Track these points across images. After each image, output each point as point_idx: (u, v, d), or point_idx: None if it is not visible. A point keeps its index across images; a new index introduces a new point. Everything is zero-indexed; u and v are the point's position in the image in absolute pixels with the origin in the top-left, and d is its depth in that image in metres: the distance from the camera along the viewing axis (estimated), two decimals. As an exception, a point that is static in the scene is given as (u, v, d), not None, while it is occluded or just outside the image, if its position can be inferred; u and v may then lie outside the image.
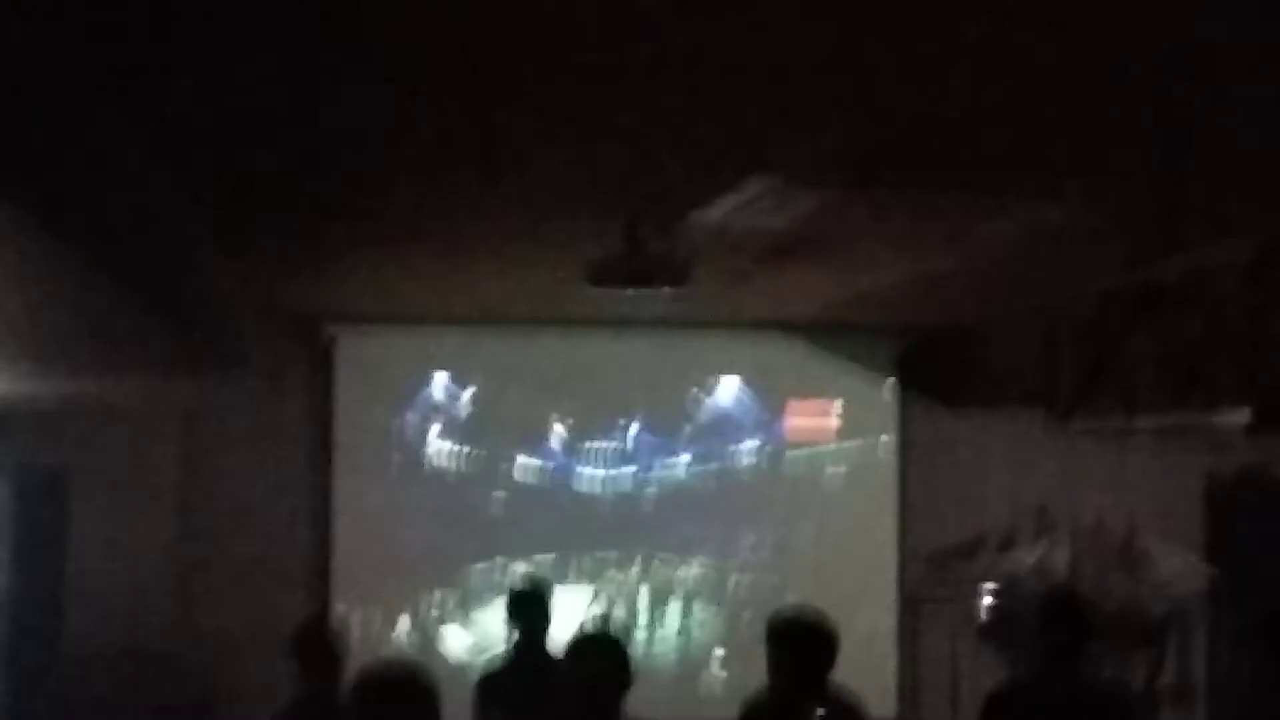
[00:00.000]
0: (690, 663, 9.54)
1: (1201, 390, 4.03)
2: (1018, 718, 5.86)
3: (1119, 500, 9.12)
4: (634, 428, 9.53)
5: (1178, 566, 8.70)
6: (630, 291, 6.03)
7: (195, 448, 9.06)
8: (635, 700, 5.05)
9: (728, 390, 9.62)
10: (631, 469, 9.52)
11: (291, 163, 4.85)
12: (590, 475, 9.49)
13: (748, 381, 9.62)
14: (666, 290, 5.88)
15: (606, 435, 9.50)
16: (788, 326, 9.28)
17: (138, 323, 5.03)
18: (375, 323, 9.12)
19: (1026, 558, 8.76)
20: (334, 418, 9.26)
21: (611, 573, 9.48)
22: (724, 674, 9.43)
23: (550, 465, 9.44)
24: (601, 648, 5.22)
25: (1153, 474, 9.28)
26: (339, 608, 9.17)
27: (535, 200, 5.62)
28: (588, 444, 9.49)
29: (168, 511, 8.97)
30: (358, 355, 9.28)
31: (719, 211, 5.54)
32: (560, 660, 5.56)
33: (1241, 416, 3.86)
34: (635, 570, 9.52)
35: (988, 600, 8.84)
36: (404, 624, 9.31)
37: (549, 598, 6.89)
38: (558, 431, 9.44)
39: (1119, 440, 6.56)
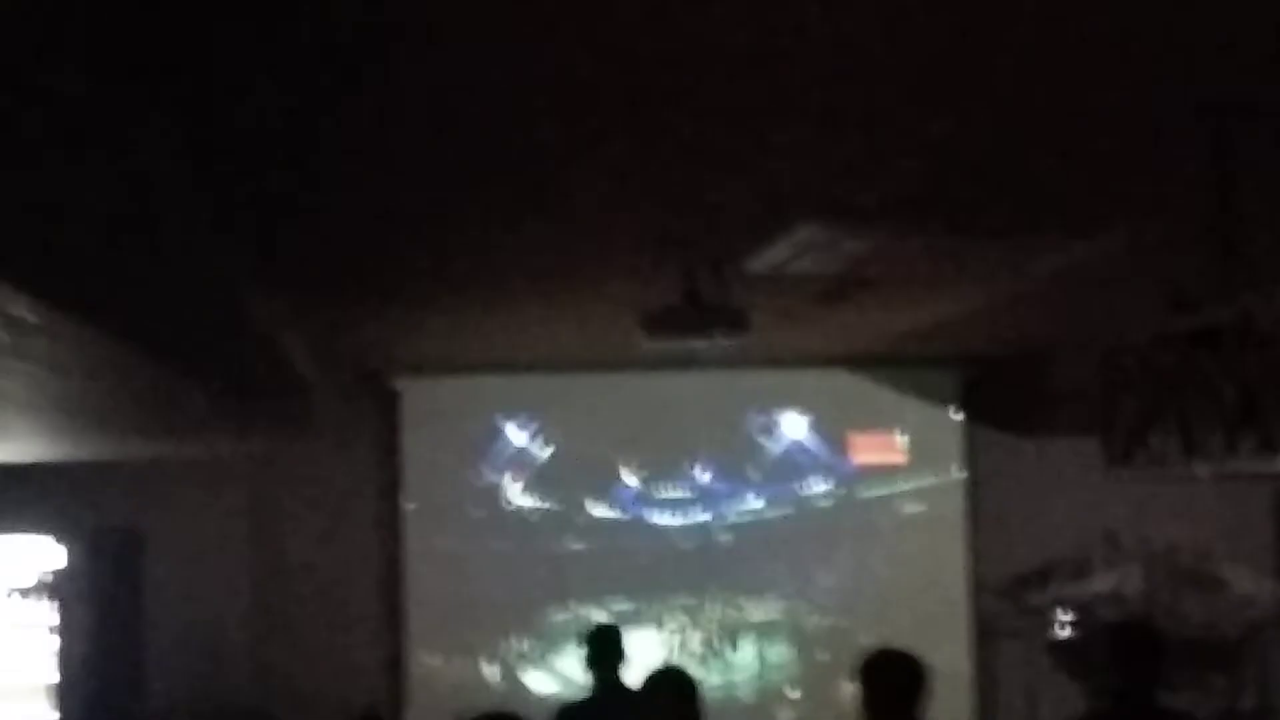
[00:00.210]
0: (765, 701, 9.52)
1: (1258, 434, 4.01)
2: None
3: (1190, 524, 9.06)
4: (703, 472, 9.53)
5: (1252, 589, 8.65)
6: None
7: (267, 505, 9.15)
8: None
9: (793, 428, 9.63)
10: (703, 512, 9.53)
11: (355, 219, 4.93)
12: (663, 520, 9.51)
13: (812, 419, 9.62)
14: (722, 339, 5.91)
15: (676, 480, 9.52)
16: (849, 361, 9.28)
17: (205, 385, 5.10)
18: (438, 373, 9.19)
19: (1099, 585, 8.72)
20: (402, 469, 9.33)
21: (686, 614, 9.48)
22: (797, 715, 9.40)
23: (623, 512, 9.46)
24: (673, 686, 5.30)
25: (1224, 497, 9.23)
26: (417, 657, 9.25)
27: (593, 253, 5.68)
28: (659, 490, 9.51)
29: (242, 568, 9.07)
30: (423, 406, 9.34)
31: (773, 259, 5.57)
32: (636, 695, 5.68)
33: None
34: (709, 611, 9.52)
35: (1062, 630, 8.80)
36: (486, 669, 9.34)
37: (621, 638, 7.05)
38: (629, 478, 9.46)
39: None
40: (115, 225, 3.47)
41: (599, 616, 8.98)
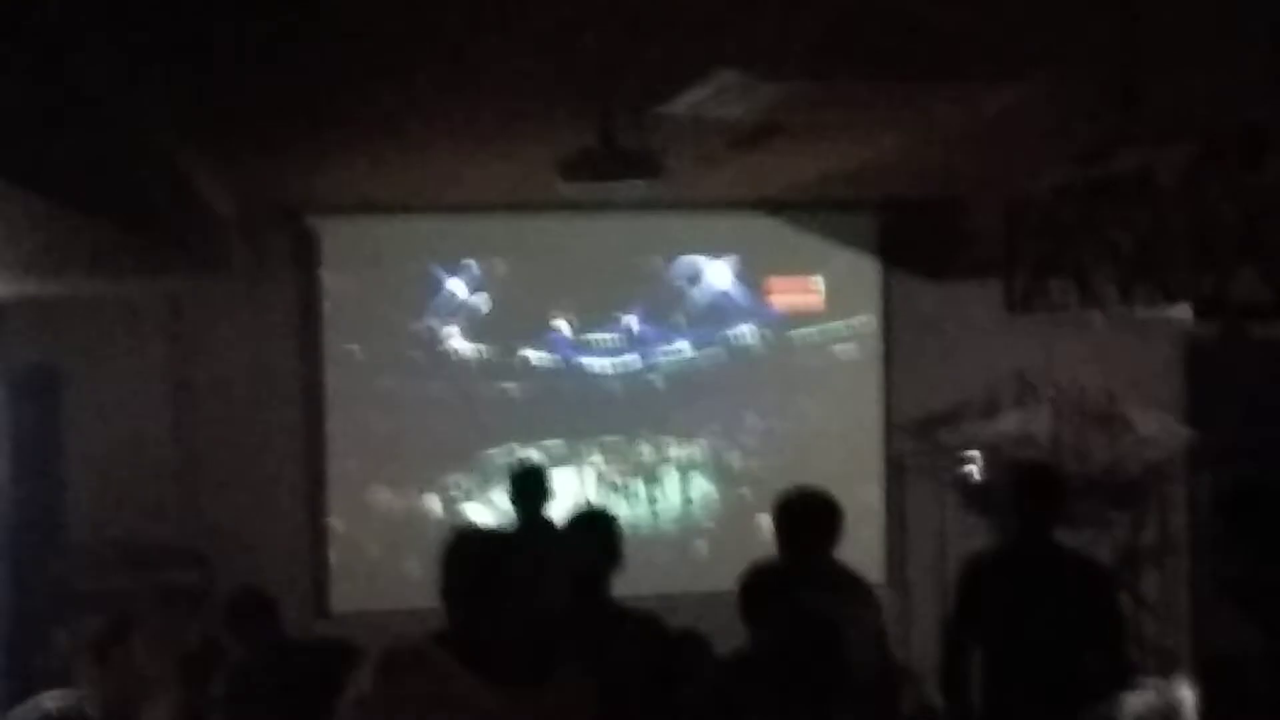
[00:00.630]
0: (686, 535, 9.74)
1: (1154, 283, 4.11)
2: (995, 583, 6.04)
3: (1099, 368, 9.25)
4: (632, 319, 9.68)
5: (1156, 430, 8.85)
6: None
7: (186, 343, 9.14)
8: (634, 573, 5.27)
9: (717, 275, 9.73)
10: (633, 357, 9.69)
11: (267, 56, 4.89)
12: (595, 364, 9.67)
13: (735, 265, 9.72)
14: (639, 183, 5.93)
15: (606, 328, 9.66)
16: (767, 205, 9.33)
17: (120, 223, 5.09)
18: (356, 213, 9.18)
19: (1008, 426, 8.90)
20: (321, 308, 9.35)
21: (616, 453, 9.72)
22: (713, 546, 9.63)
23: (557, 357, 9.63)
24: (593, 523, 5.43)
25: (1134, 343, 9.41)
26: (346, 494, 9.39)
27: (508, 94, 5.66)
28: (590, 337, 9.65)
29: (162, 406, 9.08)
30: (339, 245, 9.35)
31: (688, 103, 5.59)
32: (559, 532, 5.85)
33: (1185, 313, 3.95)
34: (637, 450, 9.74)
35: (970, 469, 9.00)
36: (427, 502, 9.53)
37: (544, 477, 7.58)
38: (561, 326, 9.61)
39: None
40: (23, 61, 3.45)
41: (534, 455, 9.17)
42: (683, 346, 9.72)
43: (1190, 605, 9.74)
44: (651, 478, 9.76)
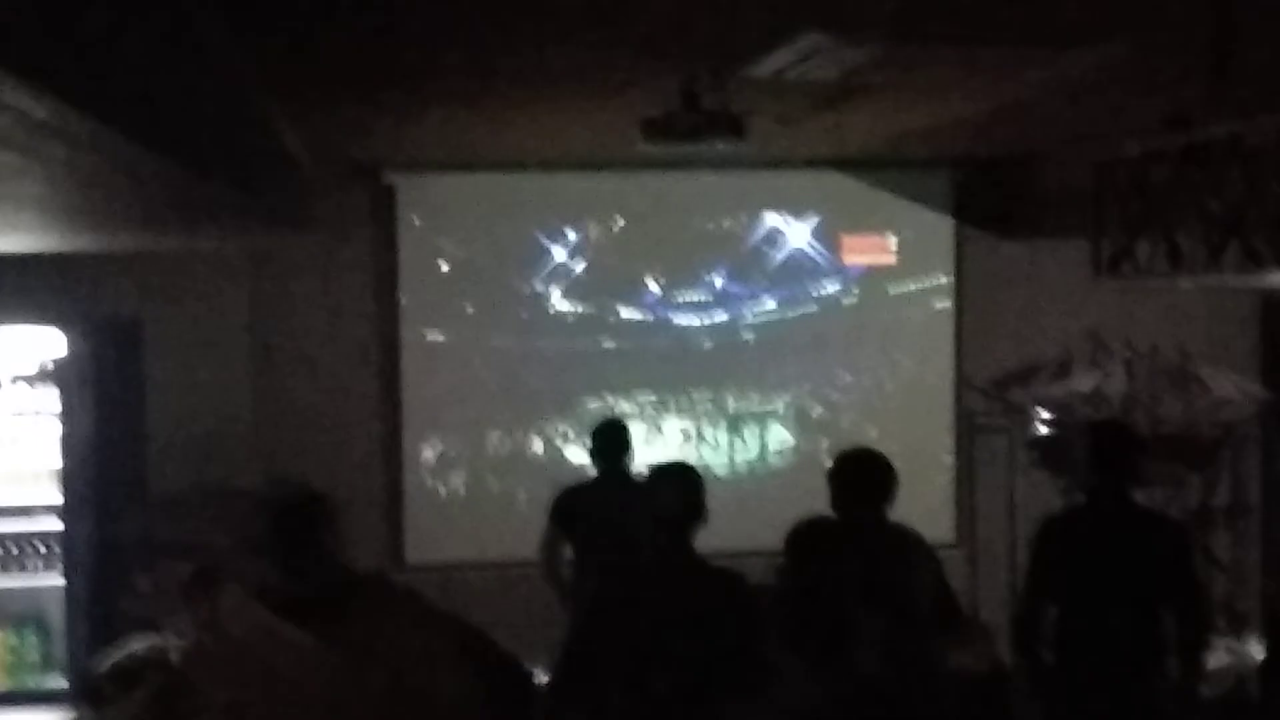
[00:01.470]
0: (762, 482, 9.83)
1: (1242, 248, 4.12)
2: (1070, 542, 6.07)
3: (1174, 326, 9.23)
4: (717, 277, 9.83)
5: (1231, 390, 8.81)
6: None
7: (266, 298, 9.25)
8: (716, 526, 5.35)
9: (794, 233, 9.81)
10: (722, 314, 9.86)
11: (352, 11, 4.93)
12: (685, 321, 9.87)
13: (811, 222, 9.76)
14: (721, 145, 5.97)
15: (694, 286, 9.83)
16: (841, 163, 9.34)
17: (206, 180, 5.14)
18: (435, 170, 9.25)
19: (1081, 384, 8.88)
20: (398, 264, 9.44)
21: (705, 405, 9.92)
22: (784, 491, 9.57)
23: (649, 315, 9.83)
24: (677, 476, 5.51)
25: (1209, 302, 9.39)
26: (412, 443, 9.52)
27: (591, 52, 5.68)
28: (679, 295, 9.82)
29: (241, 359, 9.20)
30: (418, 202, 9.43)
31: (772, 65, 5.60)
32: (641, 484, 5.94)
33: (1274, 279, 3.96)
34: (724, 403, 9.92)
35: (1042, 427, 9.00)
36: (534, 445, 9.76)
37: (624, 432, 7.70)
38: (652, 285, 9.79)
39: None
40: (120, 19, 3.49)
41: (627, 407, 9.58)
42: (767, 303, 9.86)
43: (1262, 566, 9.74)
44: (735, 430, 9.92)
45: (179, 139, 4.40)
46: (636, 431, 8.35)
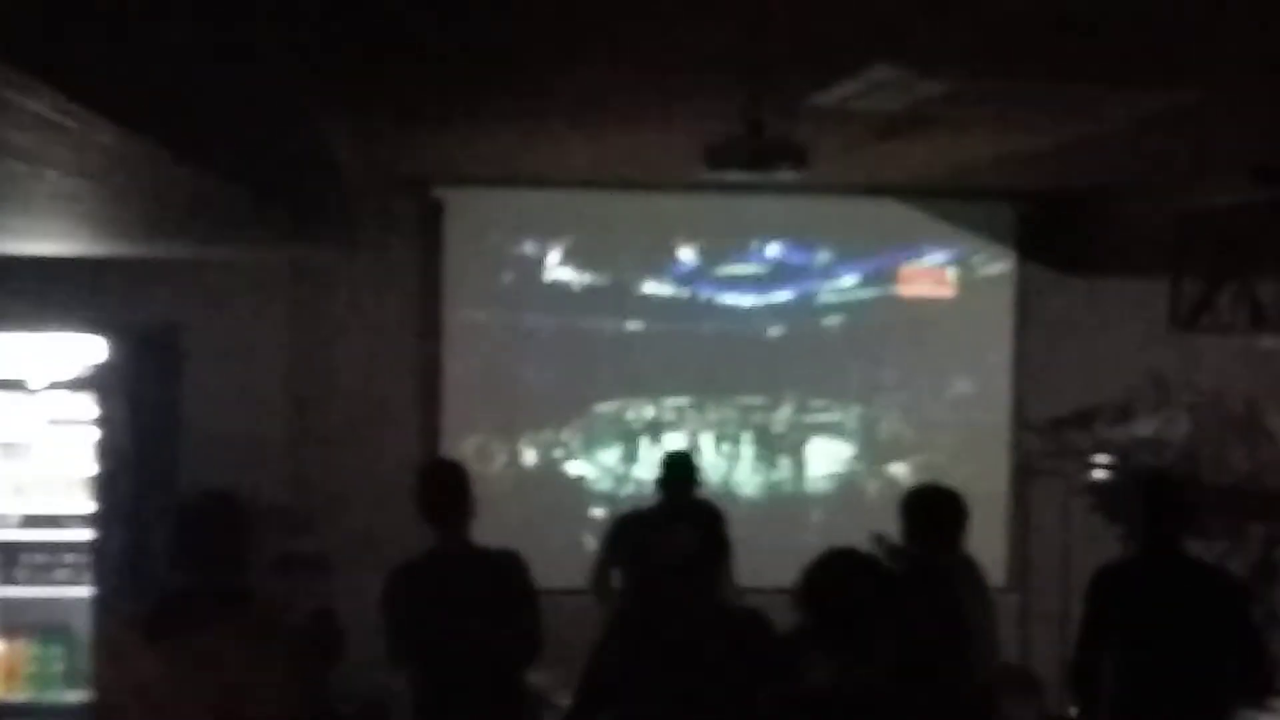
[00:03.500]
0: (801, 507, 9.49)
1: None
2: (1124, 594, 5.87)
3: (1240, 373, 8.96)
4: (774, 246, 9.27)
5: (1298, 441, 8.57)
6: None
7: (307, 309, 9.11)
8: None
9: (848, 254, 9.46)
10: (783, 289, 9.28)
11: (414, 30, 4.78)
12: (731, 299, 9.26)
13: (865, 246, 9.47)
14: (783, 174, 5.78)
15: (743, 255, 9.30)
16: (902, 192, 9.11)
17: (249, 190, 5.01)
18: (485, 185, 9.08)
19: (1143, 429, 8.64)
20: (442, 276, 9.24)
21: (751, 414, 9.36)
22: (828, 519, 9.34)
23: (681, 289, 9.22)
24: (701, 517, 5.39)
25: (1276, 346, 9.11)
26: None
27: (654, 75, 5.50)
28: (721, 266, 9.27)
29: (280, 369, 9.06)
30: (466, 215, 9.23)
31: (839, 95, 5.41)
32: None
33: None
34: (774, 412, 9.39)
35: (1101, 472, 8.75)
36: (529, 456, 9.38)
37: (692, 467, 7.56)
38: (685, 254, 9.27)
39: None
40: (166, 26, 3.34)
41: (650, 413, 9.13)
42: (845, 277, 9.30)
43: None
44: (774, 444, 9.43)
45: (213, 145, 4.24)
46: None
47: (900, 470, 9.31)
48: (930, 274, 9.48)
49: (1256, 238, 4.16)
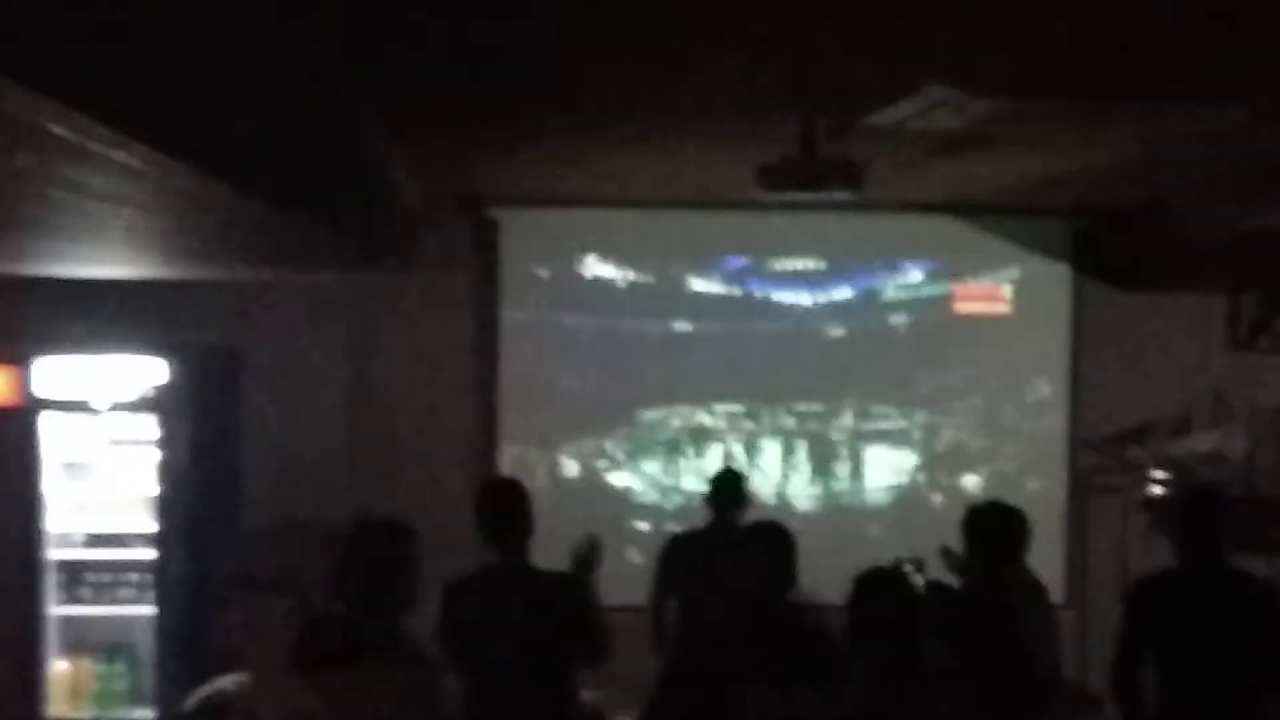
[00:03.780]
0: (859, 519, 9.34)
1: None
2: (1166, 606, 5.84)
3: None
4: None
5: (1359, 457, 8.49)
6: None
7: (365, 330, 9.18)
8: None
9: (903, 272, 9.36)
10: (843, 286, 9.05)
11: (464, 50, 4.82)
12: (788, 296, 9.01)
13: (923, 266, 9.41)
14: (837, 194, 5.80)
15: (799, 251, 9.08)
16: (957, 209, 9.08)
17: (309, 215, 5.06)
18: (538, 205, 9.11)
19: (1200, 445, 8.60)
20: (498, 296, 9.28)
21: (812, 422, 9.09)
22: (887, 533, 9.15)
23: (731, 286, 8.98)
24: (767, 539, 5.38)
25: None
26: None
27: (708, 96, 5.54)
28: (775, 262, 9.07)
29: (338, 391, 9.13)
30: (521, 235, 9.24)
31: (894, 116, 5.42)
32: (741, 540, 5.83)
33: None
34: (834, 419, 9.16)
35: (1159, 487, 8.70)
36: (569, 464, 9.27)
37: (741, 484, 7.32)
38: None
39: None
40: (221, 56, 3.39)
41: (700, 419, 8.90)
42: (912, 273, 9.06)
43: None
44: (831, 452, 9.19)
45: (272, 171, 4.29)
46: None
47: (964, 482, 9.21)
48: (986, 290, 9.43)
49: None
